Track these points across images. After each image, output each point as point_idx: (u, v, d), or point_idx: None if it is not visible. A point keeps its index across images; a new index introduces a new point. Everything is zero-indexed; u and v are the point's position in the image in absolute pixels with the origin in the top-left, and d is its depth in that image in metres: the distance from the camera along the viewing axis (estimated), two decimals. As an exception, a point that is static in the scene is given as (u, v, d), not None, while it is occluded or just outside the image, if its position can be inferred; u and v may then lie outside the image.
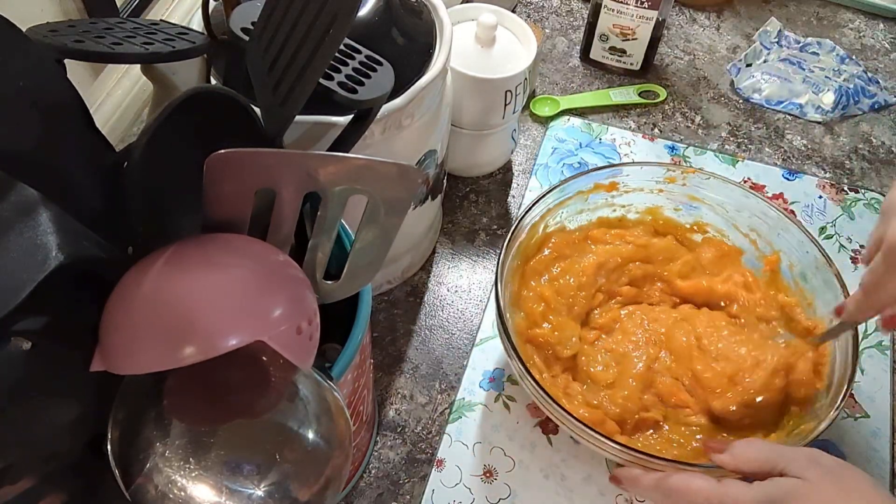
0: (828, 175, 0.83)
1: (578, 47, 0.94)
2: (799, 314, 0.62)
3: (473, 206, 0.80)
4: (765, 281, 0.65)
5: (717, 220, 0.67)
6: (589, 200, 0.67)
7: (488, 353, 0.69)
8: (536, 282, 0.64)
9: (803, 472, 0.43)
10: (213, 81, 0.53)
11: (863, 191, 0.81)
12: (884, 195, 0.80)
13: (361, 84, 0.46)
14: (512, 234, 0.60)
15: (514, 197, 0.80)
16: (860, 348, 0.61)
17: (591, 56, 0.92)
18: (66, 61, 0.41)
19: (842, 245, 0.76)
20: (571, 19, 0.99)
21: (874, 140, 0.86)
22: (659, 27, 0.86)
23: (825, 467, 0.43)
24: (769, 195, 0.80)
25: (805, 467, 0.43)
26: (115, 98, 0.78)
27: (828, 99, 0.87)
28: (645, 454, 0.50)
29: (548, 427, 0.64)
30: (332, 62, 0.46)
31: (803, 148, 0.85)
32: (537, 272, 0.64)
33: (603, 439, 0.51)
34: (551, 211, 0.64)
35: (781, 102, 0.88)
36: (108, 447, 0.35)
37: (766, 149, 0.85)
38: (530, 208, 0.62)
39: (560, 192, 0.64)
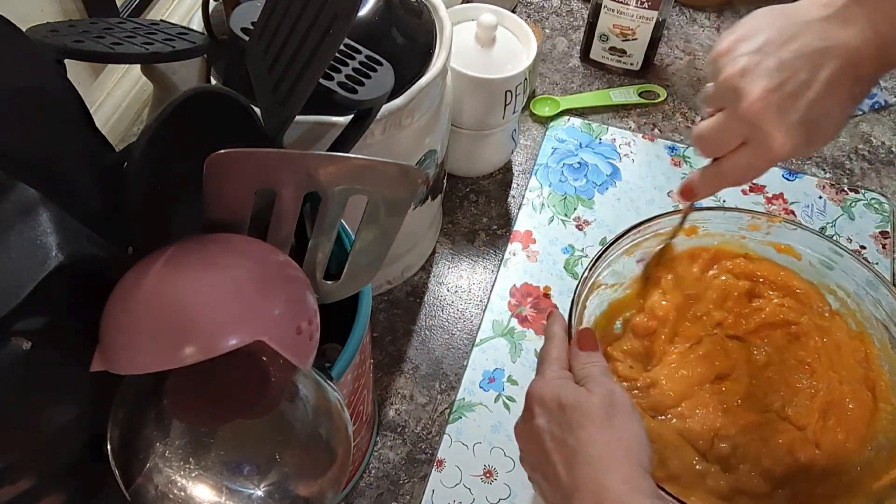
0: (828, 175, 0.83)
1: (578, 47, 0.94)
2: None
3: (473, 206, 0.80)
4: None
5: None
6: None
7: (488, 353, 0.69)
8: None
9: (595, 388, 0.46)
10: (213, 81, 0.53)
11: (863, 191, 0.81)
12: (884, 196, 0.80)
13: (361, 84, 0.46)
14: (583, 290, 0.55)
15: (514, 197, 0.80)
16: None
17: (591, 56, 0.92)
18: (66, 61, 0.41)
19: (842, 245, 0.76)
20: (571, 19, 0.99)
21: (874, 140, 0.86)
22: (659, 27, 0.86)
23: (615, 398, 0.46)
24: (769, 195, 0.80)
25: (599, 386, 0.46)
26: (115, 98, 0.78)
27: (828, 99, 0.87)
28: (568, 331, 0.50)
29: (548, 427, 0.64)
30: (332, 62, 0.46)
31: (803, 148, 0.85)
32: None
33: None
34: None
35: (781, 102, 0.88)
36: (108, 447, 0.35)
37: (766, 149, 0.85)
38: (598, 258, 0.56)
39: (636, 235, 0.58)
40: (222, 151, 0.35)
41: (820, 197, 0.80)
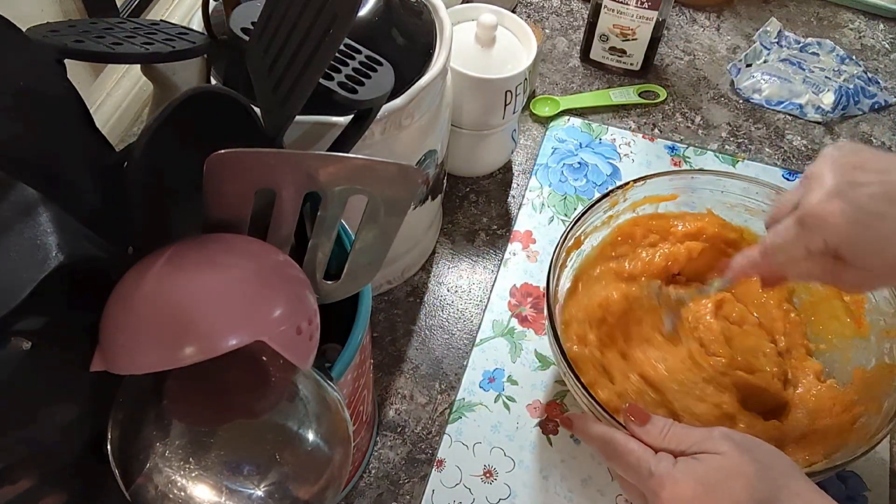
0: (828, 175, 0.83)
1: (578, 47, 0.94)
2: None
3: (473, 206, 0.80)
4: None
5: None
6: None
7: (488, 353, 0.69)
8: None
9: (718, 447, 0.45)
10: (213, 81, 0.53)
11: (863, 191, 0.81)
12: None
13: (361, 84, 0.46)
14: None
15: (514, 197, 0.80)
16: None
17: (591, 56, 0.92)
18: (66, 61, 0.41)
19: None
20: (571, 19, 0.99)
21: (874, 140, 0.86)
22: (659, 27, 0.86)
23: (737, 441, 0.46)
24: (769, 195, 0.80)
25: (720, 443, 0.45)
26: (115, 98, 0.78)
27: (828, 99, 0.87)
28: (604, 410, 0.51)
29: (548, 427, 0.64)
30: (332, 62, 0.46)
31: (803, 148, 0.85)
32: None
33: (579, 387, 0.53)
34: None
35: (781, 103, 0.88)
36: (108, 447, 0.35)
37: (766, 149, 0.85)
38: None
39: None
40: (222, 151, 0.35)
41: (820, 197, 0.80)
